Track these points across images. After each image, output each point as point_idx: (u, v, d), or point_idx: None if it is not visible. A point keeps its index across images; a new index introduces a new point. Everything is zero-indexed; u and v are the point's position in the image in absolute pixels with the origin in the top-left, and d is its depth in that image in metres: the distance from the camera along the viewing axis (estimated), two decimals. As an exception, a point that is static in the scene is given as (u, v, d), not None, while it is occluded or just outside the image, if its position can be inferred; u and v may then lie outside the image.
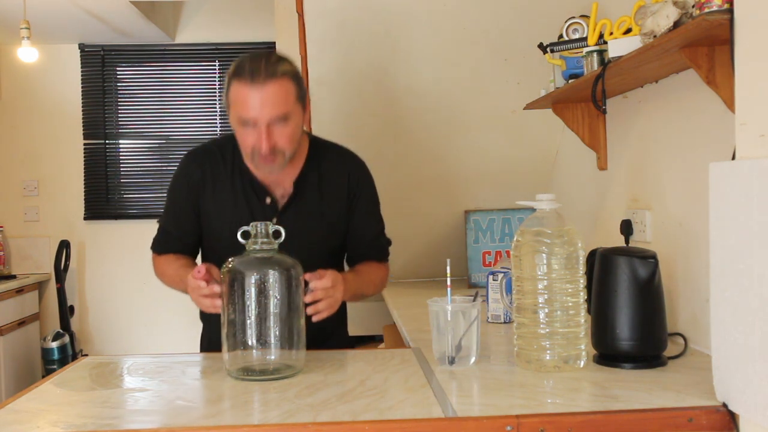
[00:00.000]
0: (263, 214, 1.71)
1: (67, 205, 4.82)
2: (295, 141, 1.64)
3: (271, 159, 1.60)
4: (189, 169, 1.78)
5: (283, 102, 1.57)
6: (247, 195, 1.73)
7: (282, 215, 1.72)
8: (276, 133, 1.58)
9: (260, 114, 1.56)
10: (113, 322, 4.82)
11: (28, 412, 1.26)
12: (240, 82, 1.57)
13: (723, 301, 1.14)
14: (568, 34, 1.93)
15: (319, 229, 1.77)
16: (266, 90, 1.55)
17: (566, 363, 1.41)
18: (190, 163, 1.79)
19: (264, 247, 1.46)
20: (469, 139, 2.75)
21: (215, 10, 4.82)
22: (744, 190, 1.08)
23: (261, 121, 1.57)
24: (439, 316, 1.46)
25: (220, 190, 1.74)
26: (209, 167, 1.76)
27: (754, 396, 1.07)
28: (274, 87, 1.56)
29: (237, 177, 1.74)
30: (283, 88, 1.57)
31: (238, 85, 1.57)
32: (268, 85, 1.55)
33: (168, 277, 1.79)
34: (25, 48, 3.86)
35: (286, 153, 1.62)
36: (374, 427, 1.14)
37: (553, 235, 1.42)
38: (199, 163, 1.77)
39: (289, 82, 1.59)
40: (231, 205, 1.73)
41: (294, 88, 1.60)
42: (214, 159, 1.76)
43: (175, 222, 1.81)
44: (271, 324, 1.43)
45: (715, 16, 1.21)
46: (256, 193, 1.73)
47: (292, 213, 1.73)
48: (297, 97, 1.61)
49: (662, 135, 1.80)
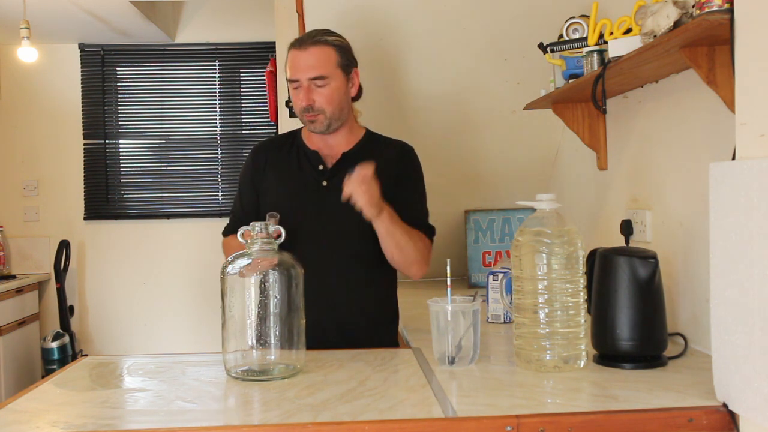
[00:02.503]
0: (314, 177, 1.88)
1: (67, 205, 4.82)
2: (335, 103, 1.83)
3: (313, 116, 1.82)
4: (255, 155, 1.98)
5: (321, 65, 1.79)
6: (301, 163, 1.91)
7: (331, 178, 1.86)
8: (315, 92, 1.80)
9: (301, 74, 1.80)
10: (113, 322, 4.82)
11: (28, 412, 1.26)
12: (291, 49, 1.83)
13: (723, 301, 1.14)
14: (568, 34, 1.93)
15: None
16: (307, 53, 1.80)
17: (566, 363, 1.41)
18: (257, 152, 2.00)
19: (264, 247, 1.46)
20: (469, 139, 2.75)
21: (215, 10, 4.82)
22: (744, 190, 1.08)
23: (302, 80, 1.80)
24: (439, 316, 1.46)
25: (280, 165, 1.93)
26: (273, 150, 1.97)
27: (754, 396, 1.07)
28: (315, 51, 1.80)
29: (294, 152, 1.94)
30: (324, 53, 1.80)
31: (290, 53, 1.83)
32: (309, 50, 1.80)
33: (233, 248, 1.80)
34: (25, 48, 3.86)
35: (326, 112, 1.82)
36: (374, 427, 1.14)
37: (553, 235, 1.42)
38: (263, 149, 2.00)
39: (330, 49, 1.81)
40: (287, 173, 1.92)
41: (335, 55, 1.82)
42: (277, 144, 1.99)
43: (242, 205, 1.98)
44: (271, 324, 1.43)
45: (715, 16, 1.21)
46: (310, 160, 1.91)
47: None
48: (338, 63, 1.82)
49: (662, 135, 1.80)
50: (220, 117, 4.85)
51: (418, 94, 2.65)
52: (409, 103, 2.67)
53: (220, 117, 4.85)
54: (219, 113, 4.85)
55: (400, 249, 1.80)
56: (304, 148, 1.93)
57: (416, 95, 2.65)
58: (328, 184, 1.86)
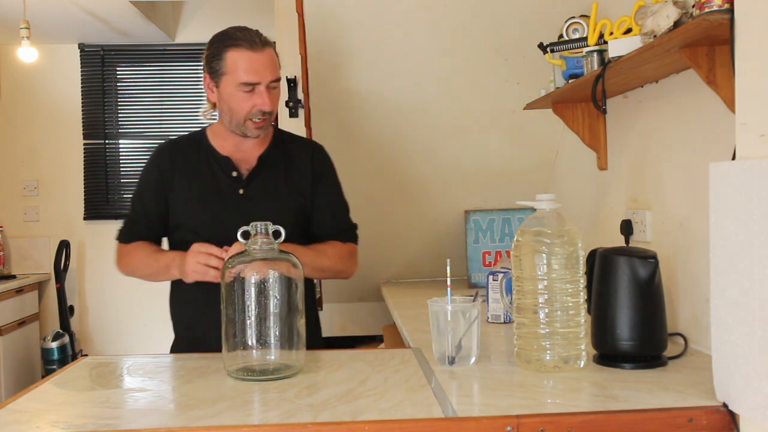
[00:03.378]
0: (229, 185, 1.82)
1: (66, 205, 4.82)
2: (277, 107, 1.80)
3: (264, 120, 1.77)
4: (160, 159, 1.88)
5: (276, 67, 1.77)
6: (213, 170, 1.84)
7: (247, 186, 1.82)
8: (271, 94, 1.76)
9: (263, 76, 1.73)
10: (113, 322, 4.82)
11: (28, 412, 1.26)
12: (239, 49, 1.73)
13: (723, 301, 1.14)
14: (568, 34, 1.93)
15: (284, 202, 1.84)
16: (265, 55, 1.74)
17: (566, 363, 1.41)
18: (160, 154, 1.90)
19: (264, 247, 1.46)
20: (469, 139, 2.75)
21: (215, 10, 4.82)
22: (744, 190, 1.08)
23: (263, 83, 1.73)
24: (439, 316, 1.46)
25: (189, 172, 1.84)
26: (179, 155, 1.87)
27: (754, 396, 1.07)
28: (270, 53, 1.76)
29: (203, 158, 1.85)
30: (274, 54, 1.78)
31: (237, 53, 1.73)
32: (265, 51, 1.74)
33: (139, 258, 1.86)
34: (25, 48, 3.86)
35: (273, 115, 1.79)
36: (374, 427, 1.13)
37: (553, 235, 1.42)
38: (168, 153, 1.89)
39: (274, 51, 1.78)
40: (199, 181, 1.83)
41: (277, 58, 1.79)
42: (183, 148, 1.89)
43: (144, 210, 1.88)
44: (271, 324, 1.43)
45: (715, 16, 1.21)
46: (223, 168, 1.83)
47: (257, 184, 1.83)
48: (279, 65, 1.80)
49: (662, 135, 1.80)
50: (220, 117, 4.85)
51: (418, 94, 2.65)
52: (408, 102, 2.67)
53: (220, 117, 4.85)
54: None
55: (320, 271, 1.86)
56: (213, 153, 1.85)
57: (416, 95, 2.65)
58: (245, 192, 1.82)
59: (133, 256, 1.87)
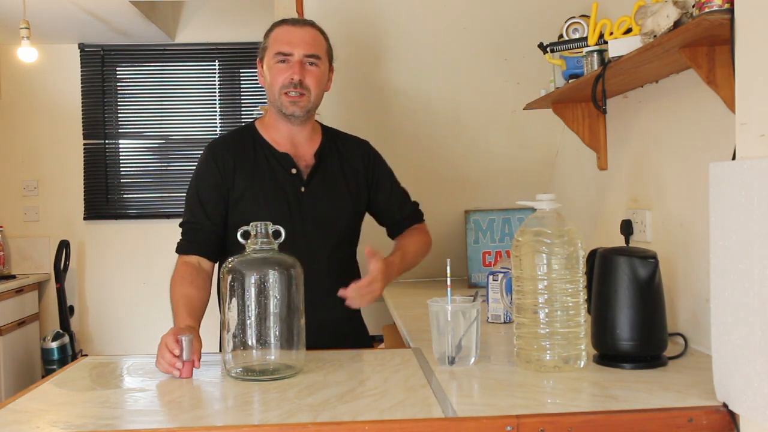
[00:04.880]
0: (291, 183, 1.82)
1: (66, 205, 4.82)
2: (319, 88, 1.80)
3: (299, 93, 1.76)
4: (217, 158, 1.82)
5: (317, 45, 1.79)
6: (273, 168, 1.82)
7: (308, 183, 1.83)
8: (307, 70, 1.77)
9: (297, 48, 1.76)
10: (113, 322, 4.82)
11: (28, 412, 1.26)
12: (282, 25, 1.81)
13: (723, 301, 1.14)
14: (568, 34, 1.93)
15: (343, 199, 1.87)
16: (304, 31, 1.79)
17: (566, 363, 1.41)
18: (218, 152, 1.83)
19: (264, 246, 1.46)
20: (469, 139, 2.75)
21: (215, 10, 4.82)
22: (744, 190, 1.08)
23: (296, 55, 1.76)
24: (439, 316, 1.46)
25: (249, 170, 1.81)
26: (236, 152, 1.83)
27: (755, 396, 1.07)
28: (311, 31, 1.80)
29: (261, 155, 1.84)
30: (318, 36, 1.81)
31: (279, 29, 1.80)
32: (307, 28, 1.79)
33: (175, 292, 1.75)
34: (25, 48, 3.86)
35: (311, 94, 1.78)
36: (374, 427, 1.13)
37: (553, 235, 1.42)
38: (226, 150, 1.83)
39: (323, 36, 1.82)
40: (260, 179, 1.81)
41: (326, 43, 1.83)
42: (239, 144, 1.86)
43: (205, 213, 1.80)
44: (271, 324, 1.43)
45: (716, 16, 1.21)
46: (282, 164, 1.83)
47: (318, 181, 1.85)
48: (327, 51, 1.83)
49: (662, 135, 1.80)
50: (220, 117, 4.86)
51: (418, 94, 2.65)
52: (408, 103, 2.67)
53: (220, 117, 4.86)
54: (219, 113, 4.86)
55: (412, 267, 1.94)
56: (270, 149, 1.84)
57: (416, 95, 2.65)
58: (306, 190, 1.83)
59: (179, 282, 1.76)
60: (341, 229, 1.86)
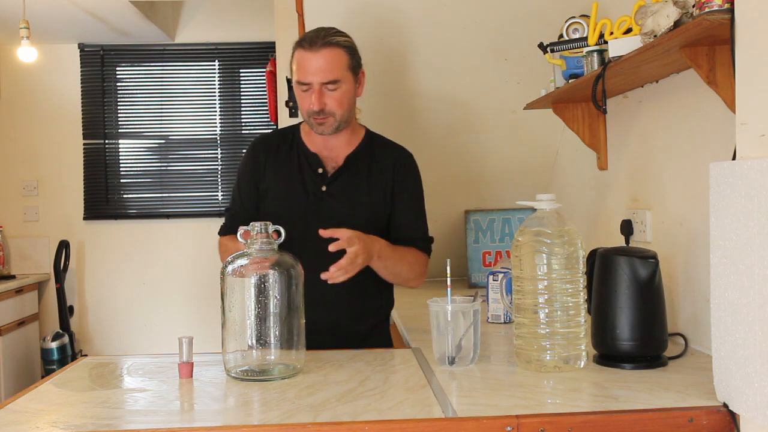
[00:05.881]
0: (314, 182, 1.87)
1: (66, 205, 4.82)
2: (345, 106, 1.82)
3: (322, 119, 1.80)
4: (255, 152, 1.95)
5: (334, 68, 1.77)
6: (301, 166, 1.89)
7: (331, 184, 1.86)
8: (327, 95, 1.78)
9: (314, 77, 1.77)
10: (113, 322, 4.82)
11: (27, 412, 1.26)
12: (300, 49, 1.79)
13: (723, 301, 1.14)
14: (568, 34, 1.93)
15: (362, 203, 1.87)
16: (318, 56, 1.76)
17: (566, 363, 1.41)
18: (257, 146, 1.97)
19: (264, 247, 1.46)
20: (470, 139, 2.75)
21: (215, 10, 4.82)
22: (744, 190, 1.08)
23: (315, 84, 1.77)
24: (439, 316, 1.46)
25: (279, 166, 1.90)
26: (272, 149, 1.93)
27: (755, 396, 1.07)
28: (327, 54, 1.77)
29: (294, 153, 1.91)
30: (336, 55, 1.78)
31: (298, 53, 1.80)
32: (322, 52, 1.76)
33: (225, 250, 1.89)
34: (25, 48, 3.86)
35: (336, 115, 1.80)
36: (374, 427, 1.13)
37: (553, 235, 1.42)
38: (263, 145, 1.96)
39: (342, 52, 1.79)
40: (287, 175, 1.89)
41: (346, 58, 1.80)
42: (275, 141, 1.95)
43: (242, 202, 1.94)
44: (271, 324, 1.43)
45: (716, 16, 1.21)
46: (310, 164, 1.89)
47: (341, 183, 1.87)
48: (348, 66, 1.80)
49: (662, 135, 1.80)
50: (220, 117, 4.85)
51: (418, 95, 2.65)
52: (408, 103, 2.67)
53: (220, 117, 4.85)
54: (219, 113, 4.85)
55: (395, 275, 1.87)
56: (303, 149, 1.91)
57: (416, 95, 2.65)
58: (327, 189, 1.86)
59: (222, 253, 1.92)
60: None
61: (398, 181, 1.90)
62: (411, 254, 1.88)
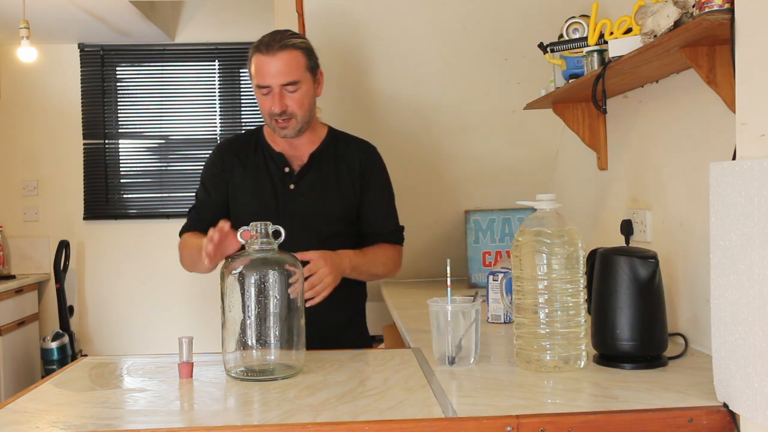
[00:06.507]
0: (282, 180, 1.90)
1: (66, 205, 4.82)
2: (306, 106, 1.84)
3: (284, 122, 1.82)
4: (222, 152, 1.98)
5: (293, 70, 1.79)
6: (268, 166, 1.92)
7: (298, 182, 1.90)
8: (287, 97, 1.80)
9: (273, 80, 1.78)
10: (113, 322, 4.82)
11: (27, 412, 1.26)
12: (257, 54, 1.81)
13: (723, 301, 1.14)
14: (568, 34, 1.93)
15: (331, 198, 1.90)
16: (276, 59, 1.78)
17: (566, 363, 1.41)
18: (222, 148, 2.00)
19: (264, 247, 1.46)
20: (469, 139, 2.75)
21: (215, 10, 4.82)
22: (744, 190, 1.08)
23: (273, 86, 1.79)
24: (439, 316, 1.46)
25: (246, 167, 1.93)
26: (238, 151, 1.96)
27: (755, 396, 1.07)
28: (285, 57, 1.78)
29: (260, 154, 1.94)
30: (293, 57, 1.79)
31: (256, 57, 1.81)
32: (279, 55, 1.78)
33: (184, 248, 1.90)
34: (25, 48, 3.86)
35: (298, 116, 1.83)
36: (374, 427, 1.13)
37: (553, 235, 1.42)
38: (230, 146, 1.98)
39: (299, 53, 1.81)
40: (255, 176, 1.92)
41: (303, 59, 1.82)
42: (242, 142, 1.98)
43: (207, 196, 1.96)
44: (271, 324, 1.43)
45: (716, 16, 1.21)
46: (276, 163, 1.92)
47: (308, 180, 1.90)
48: (306, 67, 1.82)
49: (662, 135, 1.80)
50: (220, 117, 4.85)
51: (418, 95, 2.65)
52: (408, 102, 2.67)
53: (220, 117, 4.85)
54: (219, 113, 4.85)
55: (371, 276, 1.93)
56: (268, 149, 1.94)
57: (416, 95, 2.65)
58: (295, 188, 1.89)
59: (182, 248, 1.91)
60: (328, 228, 1.88)
61: (366, 178, 1.94)
62: (383, 252, 1.93)
